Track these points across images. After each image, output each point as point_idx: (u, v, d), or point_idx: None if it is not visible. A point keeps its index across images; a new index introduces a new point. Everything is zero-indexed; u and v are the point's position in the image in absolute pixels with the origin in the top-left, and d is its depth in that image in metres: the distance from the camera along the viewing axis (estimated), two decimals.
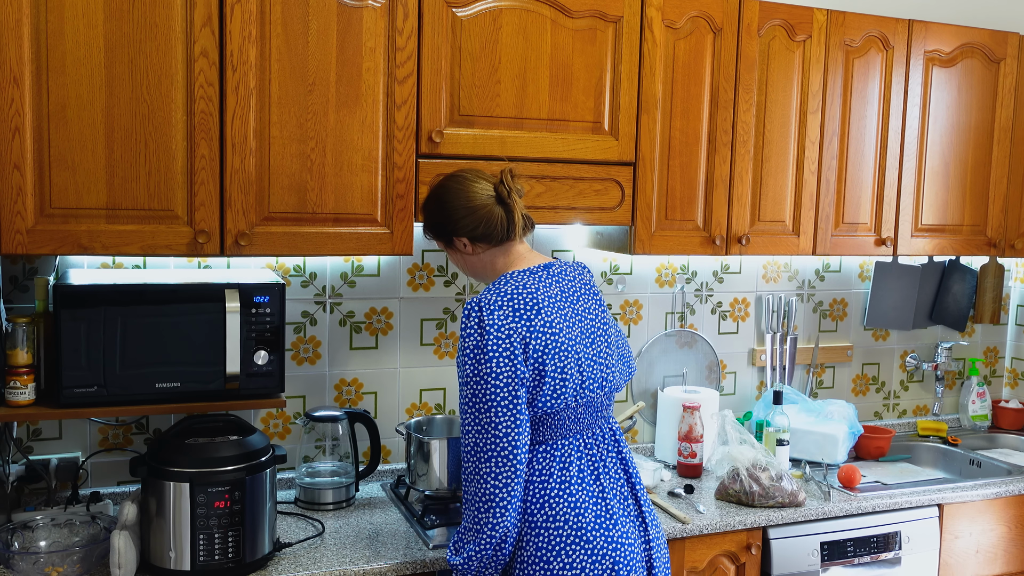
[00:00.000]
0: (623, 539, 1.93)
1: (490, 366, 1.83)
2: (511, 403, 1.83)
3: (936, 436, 3.35)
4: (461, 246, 2.02)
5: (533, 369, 1.87)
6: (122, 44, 1.98)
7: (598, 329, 2.03)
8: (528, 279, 1.95)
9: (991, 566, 2.80)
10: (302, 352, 2.60)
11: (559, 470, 1.92)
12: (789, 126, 2.73)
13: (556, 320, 1.92)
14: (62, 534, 2.12)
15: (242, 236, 2.11)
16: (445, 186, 2.04)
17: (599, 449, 2.00)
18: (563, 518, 1.89)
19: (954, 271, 3.43)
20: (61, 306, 1.97)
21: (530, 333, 1.87)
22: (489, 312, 1.86)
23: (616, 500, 1.97)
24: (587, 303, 2.04)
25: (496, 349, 1.83)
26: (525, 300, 1.90)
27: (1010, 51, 3.03)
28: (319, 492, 2.45)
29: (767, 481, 2.52)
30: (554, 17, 2.37)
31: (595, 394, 1.97)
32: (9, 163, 1.91)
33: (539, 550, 1.87)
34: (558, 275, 2.02)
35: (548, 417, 1.91)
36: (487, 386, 1.83)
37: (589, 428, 1.99)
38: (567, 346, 1.92)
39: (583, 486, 1.93)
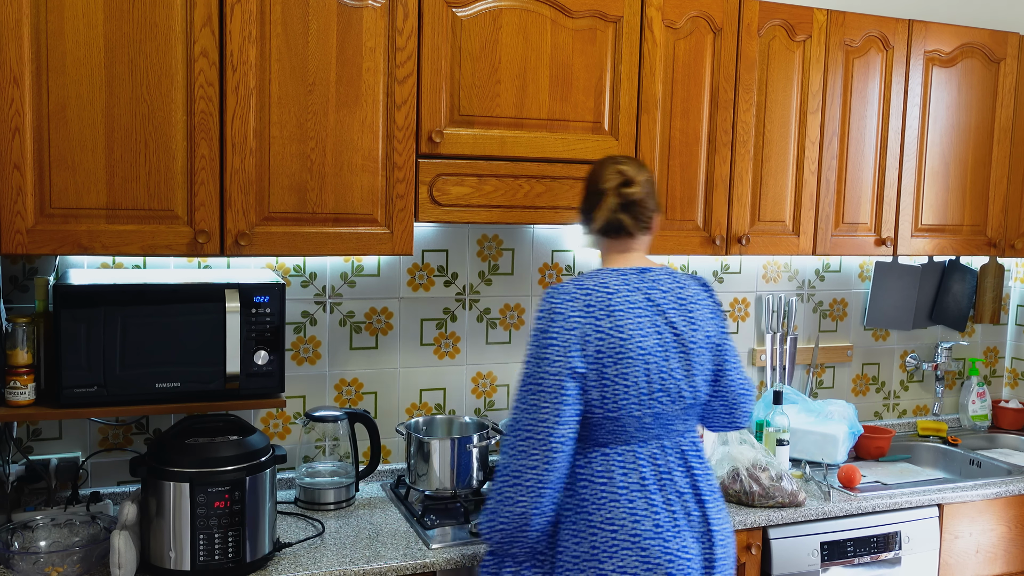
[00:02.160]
0: (681, 552, 1.92)
1: (547, 352, 1.88)
2: (558, 391, 1.87)
3: (936, 436, 3.35)
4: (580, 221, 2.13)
5: (592, 368, 1.90)
6: (122, 44, 1.98)
7: (680, 345, 1.98)
8: (613, 279, 1.97)
9: (991, 566, 2.80)
10: (302, 352, 2.60)
11: (620, 475, 1.94)
12: (789, 126, 2.73)
13: (629, 325, 1.92)
14: (62, 534, 2.12)
15: (242, 236, 2.11)
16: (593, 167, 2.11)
17: (666, 461, 1.98)
18: (620, 522, 1.91)
19: (954, 271, 3.43)
20: (61, 306, 1.97)
21: (595, 331, 1.90)
22: (560, 301, 1.92)
23: (680, 514, 1.96)
24: (674, 317, 1.99)
25: (557, 337, 1.89)
26: (600, 298, 1.93)
27: (1010, 51, 3.03)
28: (319, 492, 2.45)
29: (767, 481, 2.52)
30: (554, 17, 2.37)
31: (665, 407, 1.96)
32: (9, 163, 1.91)
33: (594, 548, 1.91)
34: (652, 282, 2.01)
35: (609, 421, 1.93)
36: (540, 370, 1.88)
37: (657, 439, 1.98)
38: (635, 353, 1.92)
39: (644, 494, 1.93)
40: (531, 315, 2.86)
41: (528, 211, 2.40)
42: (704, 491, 2.01)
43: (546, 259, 2.87)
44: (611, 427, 1.93)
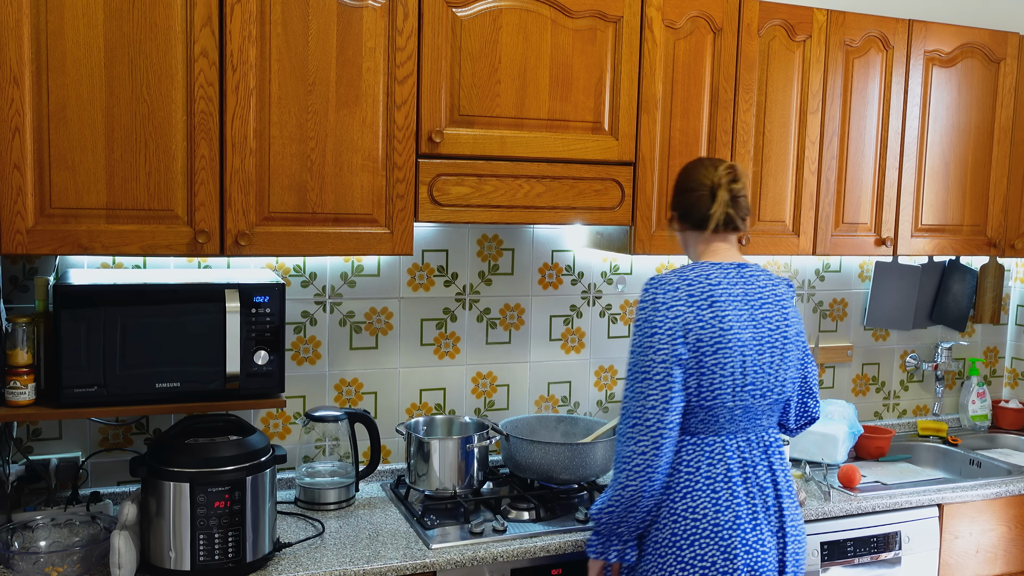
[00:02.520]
0: (759, 545, 1.99)
1: (652, 341, 1.96)
2: (665, 378, 1.94)
3: (936, 436, 3.35)
4: (673, 219, 2.18)
5: (692, 356, 1.97)
6: (122, 44, 1.98)
7: (775, 341, 2.06)
8: (714, 272, 2.04)
9: (991, 566, 2.80)
10: (302, 352, 2.60)
11: (707, 465, 2.00)
12: (789, 126, 2.73)
13: (729, 317, 1.99)
14: (62, 534, 2.12)
15: (242, 236, 2.11)
16: (685, 164, 2.18)
17: (752, 455, 2.04)
18: (703, 511, 1.97)
19: (954, 271, 3.43)
20: (61, 306, 1.97)
21: (696, 321, 1.97)
22: (664, 291, 1.99)
23: (760, 508, 2.02)
24: (770, 312, 2.07)
25: (661, 326, 1.96)
26: (702, 289, 2.00)
27: (1010, 51, 3.03)
28: (319, 492, 2.45)
29: None
30: (554, 17, 2.37)
31: (755, 400, 2.03)
32: (9, 163, 1.91)
33: (674, 536, 1.97)
34: (748, 277, 2.08)
35: (702, 410, 1.99)
36: (647, 359, 1.96)
37: (744, 432, 2.05)
38: (733, 345, 1.99)
39: (729, 485, 2.00)
40: (531, 315, 2.87)
41: (528, 211, 2.40)
42: (782, 487, 2.07)
43: (546, 259, 2.87)
44: (703, 416, 2.00)
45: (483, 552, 2.18)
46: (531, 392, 2.90)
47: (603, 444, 2.51)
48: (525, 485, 2.56)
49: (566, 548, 2.26)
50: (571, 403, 2.96)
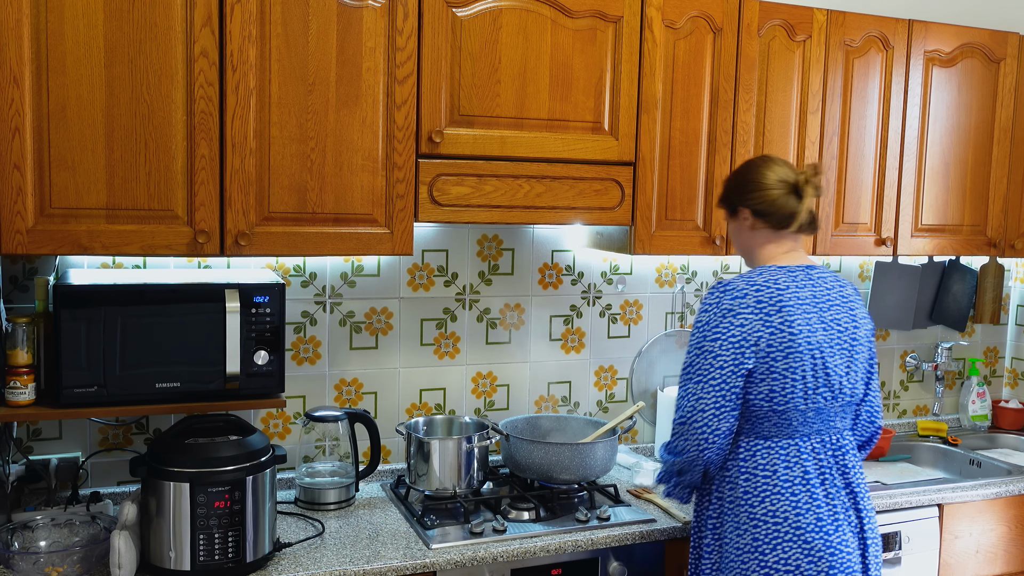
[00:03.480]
0: (843, 546, 1.99)
1: (714, 346, 1.98)
2: (721, 385, 1.97)
3: (936, 436, 3.35)
4: (743, 217, 2.11)
5: (761, 363, 1.97)
6: (122, 44, 1.98)
7: (844, 341, 2.06)
8: (782, 276, 2.03)
9: (991, 566, 2.80)
10: (302, 352, 2.60)
11: (784, 468, 2.01)
12: (789, 126, 2.73)
13: (798, 321, 1.99)
14: (62, 534, 2.12)
15: (242, 236, 2.11)
16: (751, 161, 2.15)
17: (826, 456, 2.05)
18: (783, 515, 1.97)
19: (954, 271, 3.43)
20: (61, 306, 1.97)
21: (764, 328, 1.97)
22: (732, 297, 1.99)
23: (840, 509, 2.03)
24: (839, 314, 2.07)
25: (725, 333, 1.97)
26: (771, 295, 1.99)
27: (1010, 51, 3.03)
28: (319, 492, 2.45)
29: None
30: (554, 17, 2.37)
31: (827, 402, 2.03)
32: (9, 163, 1.91)
33: (756, 540, 1.97)
34: (816, 280, 2.07)
35: (775, 415, 2.00)
36: (706, 362, 1.99)
37: (818, 434, 2.05)
38: (803, 349, 1.99)
39: (807, 487, 2.00)
40: (531, 315, 2.87)
41: (528, 211, 2.40)
42: (857, 487, 2.08)
43: (546, 259, 2.87)
44: (776, 420, 2.01)
45: (483, 552, 2.18)
46: (531, 392, 2.90)
47: (603, 444, 2.51)
48: (525, 485, 2.56)
49: (566, 548, 2.26)
50: (571, 403, 2.96)
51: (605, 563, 2.32)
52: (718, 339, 1.97)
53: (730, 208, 2.16)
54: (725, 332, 1.97)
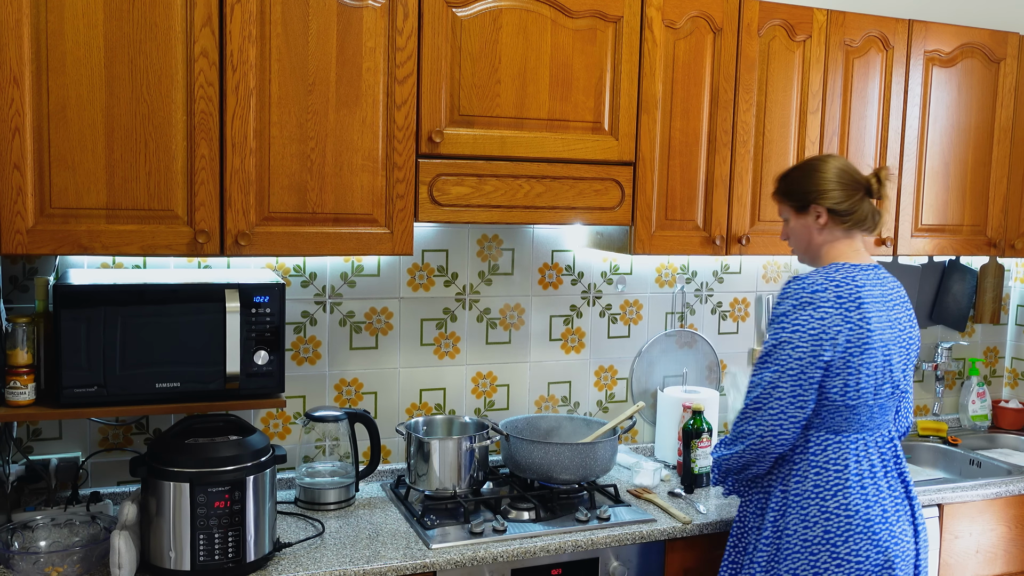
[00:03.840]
0: (903, 535, 2.09)
1: (793, 337, 2.01)
2: (799, 376, 2.01)
3: (936, 436, 3.35)
4: (815, 215, 2.13)
5: (839, 357, 2.02)
6: (122, 44, 1.98)
7: (903, 340, 2.14)
8: (858, 273, 2.09)
9: (991, 566, 2.80)
10: (302, 352, 2.60)
11: (854, 462, 2.07)
12: (789, 126, 2.73)
13: (873, 319, 2.05)
14: (62, 534, 2.12)
15: (242, 236, 2.11)
16: (823, 158, 2.17)
17: (886, 449, 2.14)
18: (855, 507, 2.04)
19: (954, 271, 3.42)
20: (61, 306, 1.97)
21: (844, 323, 2.02)
22: (811, 291, 2.03)
23: (898, 500, 2.12)
24: (900, 313, 2.15)
25: (804, 326, 2.01)
26: (850, 292, 2.04)
27: (1010, 51, 3.03)
28: (319, 492, 2.45)
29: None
30: (554, 17, 2.37)
31: (887, 399, 2.11)
32: (9, 163, 1.91)
33: (827, 534, 2.03)
34: (883, 279, 2.14)
35: (847, 409, 2.06)
36: (784, 353, 2.02)
37: (879, 428, 2.13)
38: (877, 345, 2.05)
39: (875, 481, 2.09)
40: (531, 315, 2.87)
41: (528, 211, 2.40)
42: (908, 479, 2.17)
43: (546, 259, 2.87)
44: (847, 415, 2.07)
45: (483, 552, 2.18)
46: (531, 392, 2.90)
47: (603, 444, 2.51)
48: (525, 485, 2.56)
49: (566, 548, 2.26)
50: (571, 403, 2.96)
51: (605, 563, 2.32)
52: (797, 330, 2.01)
53: (799, 205, 2.16)
54: (804, 324, 2.01)
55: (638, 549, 2.35)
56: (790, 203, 2.18)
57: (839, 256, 2.14)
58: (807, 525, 2.05)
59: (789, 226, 2.22)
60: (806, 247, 2.19)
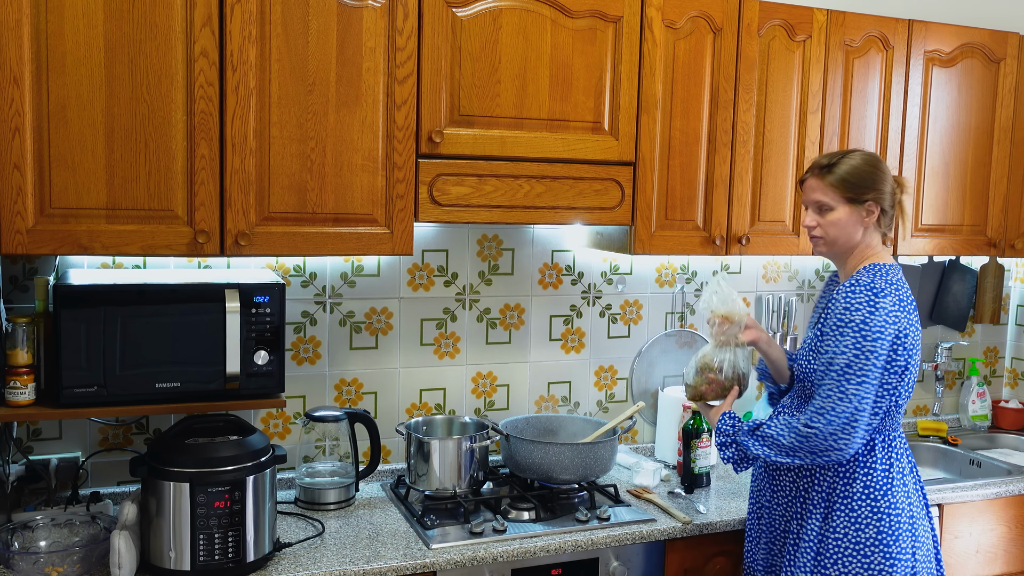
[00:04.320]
0: (931, 527, 2.17)
1: (874, 346, 1.99)
2: (882, 386, 2.02)
3: (936, 436, 3.35)
4: (867, 211, 2.10)
5: (904, 358, 2.04)
6: (122, 44, 1.98)
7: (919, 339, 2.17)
8: (901, 276, 2.12)
9: (991, 566, 2.80)
10: (302, 352, 2.60)
11: (897, 461, 2.11)
12: (789, 126, 2.73)
13: (917, 319, 2.11)
14: (62, 534, 2.12)
15: (242, 236, 2.11)
16: (876, 156, 2.15)
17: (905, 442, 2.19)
18: (901, 506, 2.07)
19: (954, 271, 3.43)
20: (61, 306, 1.97)
21: (909, 325, 2.05)
22: (883, 295, 2.02)
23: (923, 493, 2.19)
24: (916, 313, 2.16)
25: (883, 332, 2.00)
26: (906, 293, 2.09)
27: (1010, 51, 3.03)
28: (319, 492, 2.45)
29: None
30: (554, 17, 2.37)
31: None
32: (9, 163, 1.91)
33: (880, 534, 2.05)
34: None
35: (895, 409, 2.11)
36: (868, 363, 1.99)
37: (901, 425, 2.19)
38: (919, 346, 2.11)
39: (914, 477, 2.15)
40: (531, 315, 2.87)
41: (528, 211, 2.40)
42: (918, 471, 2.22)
43: (546, 259, 2.87)
44: (894, 415, 2.11)
45: (483, 552, 2.18)
46: (531, 392, 2.90)
47: (603, 444, 2.51)
48: (525, 485, 2.56)
49: (566, 548, 2.26)
50: (571, 403, 2.96)
51: (605, 563, 2.32)
52: (878, 338, 1.99)
53: (854, 196, 2.09)
54: (883, 331, 1.99)
55: (638, 549, 2.35)
56: (845, 192, 2.09)
57: (876, 256, 2.13)
58: (859, 527, 2.05)
59: (832, 216, 2.11)
60: (846, 240, 2.12)
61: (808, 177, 2.15)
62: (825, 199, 2.11)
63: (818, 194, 2.12)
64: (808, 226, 2.16)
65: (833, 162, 2.11)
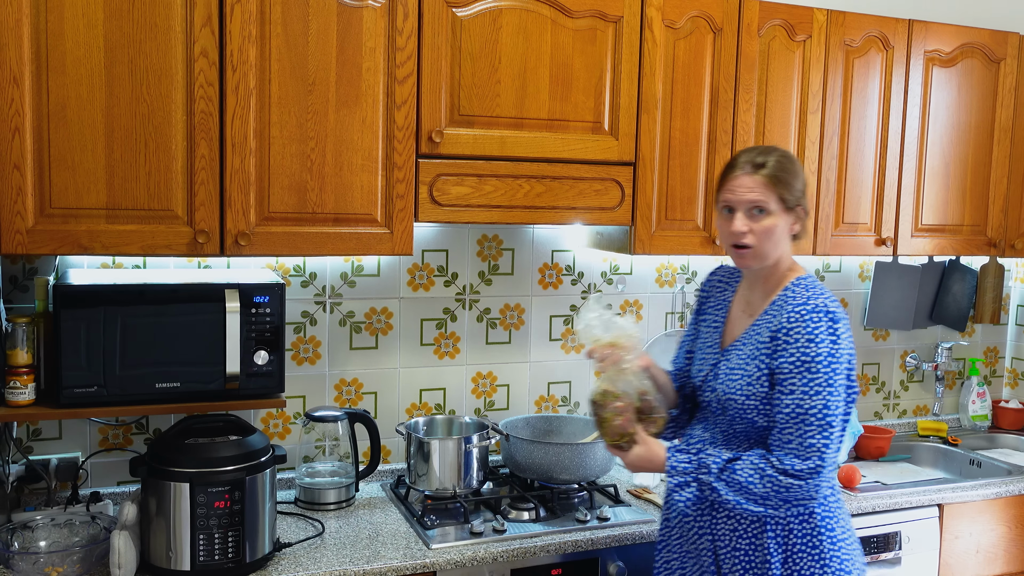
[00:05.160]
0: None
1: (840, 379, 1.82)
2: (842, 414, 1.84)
3: (936, 436, 3.35)
4: (795, 217, 1.89)
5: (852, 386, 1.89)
6: (122, 44, 1.98)
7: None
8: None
9: (991, 566, 2.80)
10: (302, 352, 2.60)
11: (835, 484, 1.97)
12: (789, 126, 2.73)
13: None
14: (62, 534, 2.12)
15: (242, 236, 2.10)
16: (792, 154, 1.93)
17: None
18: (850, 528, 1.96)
19: (954, 271, 3.42)
20: (61, 306, 1.97)
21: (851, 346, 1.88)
22: (839, 319, 1.83)
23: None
24: None
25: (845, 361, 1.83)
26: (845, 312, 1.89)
27: (1010, 51, 3.03)
28: (319, 492, 2.45)
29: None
30: (554, 17, 2.37)
31: None
32: (9, 163, 1.91)
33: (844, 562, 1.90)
34: None
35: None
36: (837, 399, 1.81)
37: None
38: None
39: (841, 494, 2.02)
40: (531, 315, 2.86)
41: (528, 211, 2.40)
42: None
43: (546, 259, 2.87)
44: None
45: (483, 552, 2.18)
46: (531, 392, 2.90)
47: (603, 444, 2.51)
48: (525, 485, 2.56)
49: (566, 548, 2.26)
50: (571, 403, 2.96)
51: (605, 563, 2.32)
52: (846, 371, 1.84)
53: (791, 200, 1.87)
54: (844, 359, 1.83)
55: (638, 549, 2.35)
56: (782, 194, 1.85)
57: (796, 266, 1.96)
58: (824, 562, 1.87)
59: (767, 221, 1.85)
60: (773, 252, 1.89)
61: (740, 174, 1.86)
62: (762, 199, 1.84)
63: (756, 194, 1.84)
64: (738, 231, 1.86)
65: (766, 159, 1.86)
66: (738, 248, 1.88)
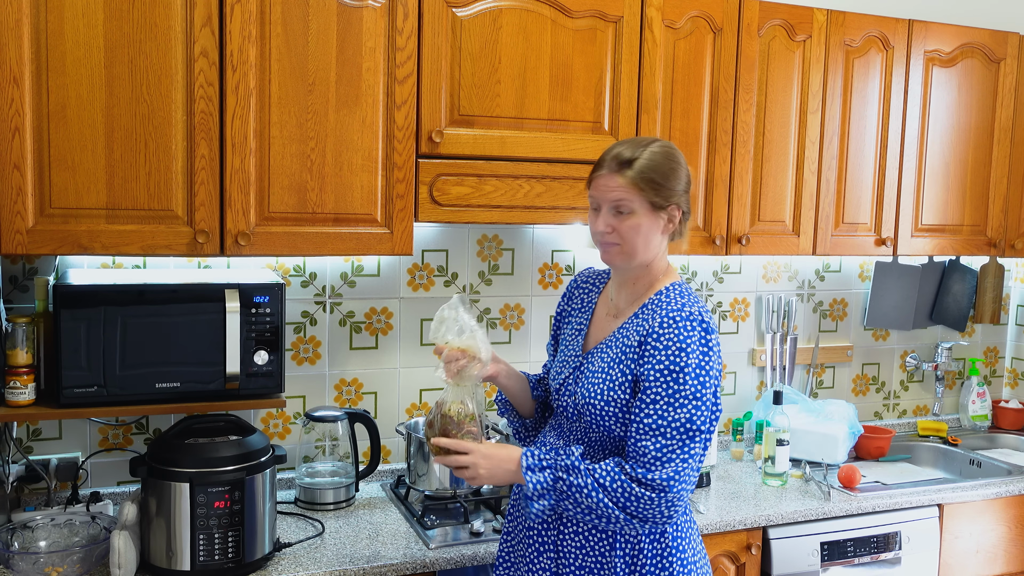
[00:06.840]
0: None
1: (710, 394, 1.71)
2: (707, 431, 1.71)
3: (936, 436, 3.35)
4: (668, 217, 1.77)
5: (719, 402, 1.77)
6: (122, 44, 1.98)
7: None
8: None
9: (991, 566, 2.80)
10: (302, 352, 2.60)
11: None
12: (789, 126, 2.73)
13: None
14: (62, 534, 2.12)
15: (242, 236, 2.11)
16: (670, 144, 1.80)
17: None
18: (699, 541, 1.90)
19: (954, 271, 3.43)
20: (61, 306, 1.97)
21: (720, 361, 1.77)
22: (711, 330, 1.72)
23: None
24: None
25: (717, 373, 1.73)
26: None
27: (1010, 51, 3.03)
28: (319, 492, 2.45)
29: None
30: (554, 17, 2.37)
31: None
32: (9, 163, 1.91)
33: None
34: None
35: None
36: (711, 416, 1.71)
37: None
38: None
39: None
40: (531, 315, 2.86)
41: (528, 211, 2.40)
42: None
43: (546, 259, 2.87)
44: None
45: (483, 552, 2.18)
46: None
47: None
48: None
49: None
50: None
51: None
52: (714, 386, 1.72)
53: (660, 200, 1.75)
54: (718, 374, 1.73)
55: None
56: (648, 194, 1.74)
57: (671, 271, 1.84)
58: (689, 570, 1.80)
59: (630, 221, 1.75)
60: (645, 250, 1.77)
61: (604, 172, 1.77)
62: (626, 198, 1.75)
63: (617, 194, 1.75)
64: (601, 231, 1.78)
65: (636, 156, 1.75)
66: (605, 245, 1.79)
